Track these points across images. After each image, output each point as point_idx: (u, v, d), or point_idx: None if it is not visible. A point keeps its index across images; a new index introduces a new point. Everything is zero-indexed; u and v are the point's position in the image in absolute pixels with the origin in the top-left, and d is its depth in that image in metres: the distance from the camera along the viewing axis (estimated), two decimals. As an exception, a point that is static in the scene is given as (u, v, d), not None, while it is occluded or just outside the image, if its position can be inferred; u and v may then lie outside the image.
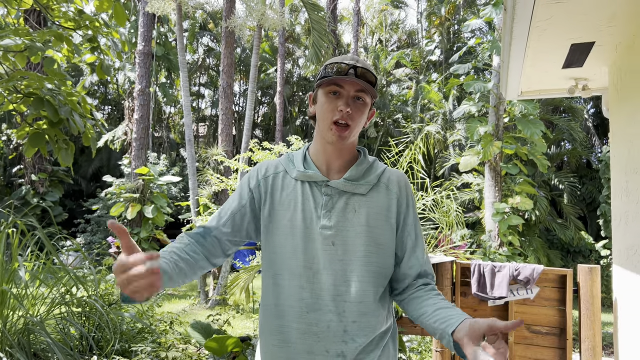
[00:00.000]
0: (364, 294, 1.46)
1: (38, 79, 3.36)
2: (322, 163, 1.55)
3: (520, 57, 3.61)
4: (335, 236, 1.46)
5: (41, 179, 17.09)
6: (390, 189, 1.55)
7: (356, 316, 1.45)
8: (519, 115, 10.28)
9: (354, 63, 1.47)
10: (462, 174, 12.83)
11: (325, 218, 1.47)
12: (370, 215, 1.50)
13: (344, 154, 1.55)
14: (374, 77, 1.50)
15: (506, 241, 10.01)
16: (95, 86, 25.03)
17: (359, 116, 1.48)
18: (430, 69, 22.20)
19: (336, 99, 1.46)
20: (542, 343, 3.81)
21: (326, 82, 1.47)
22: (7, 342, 2.80)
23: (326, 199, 1.50)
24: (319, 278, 1.46)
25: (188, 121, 9.65)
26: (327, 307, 1.44)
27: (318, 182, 1.52)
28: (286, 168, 1.58)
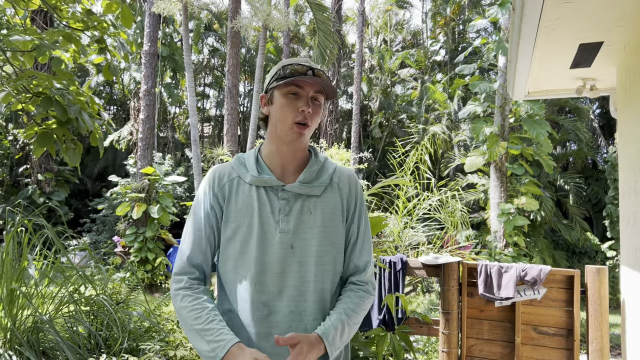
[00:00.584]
0: (322, 292, 1.52)
1: (47, 78, 3.38)
2: (276, 166, 1.58)
3: (528, 57, 3.60)
4: (294, 239, 1.50)
5: (47, 179, 17.16)
6: (341, 188, 1.61)
7: (316, 314, 1.50)
8: (525, 115, 10.25)
9: (311, 65, 1.52)
10: (467, 174, 12.80)
11: (284, 222, 1.51)
12: (324, 216, 1.54)
13: (298, 154, 1.58)
14: (327, 77, 1.54)
15: (512, 242, 9.98)
16: (100, 86, 25.11)
17: (316, 116, 1.53)
18: (435, 69, 22.16)
19: (296, 100, 1.50)
20: (549, 344, 3.79)
21: (285, 82, 1.49)
22: (16, 340, 2.82)
23: (283, 203, 1.53)
24: (277, 281, 1.49)
25: (194, 121, 9.68)
26: (287, 308, 1.48)
27: (274, 186, 1.54)
28: (239, 173, 1.58)
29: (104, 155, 22.03)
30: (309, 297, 1.49)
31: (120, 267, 10.53)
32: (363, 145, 20.65)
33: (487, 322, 3.94)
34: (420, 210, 4.57)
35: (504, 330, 3.91)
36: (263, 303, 1.48)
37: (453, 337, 3.86)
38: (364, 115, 22.44)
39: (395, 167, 5.06)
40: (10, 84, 3.36)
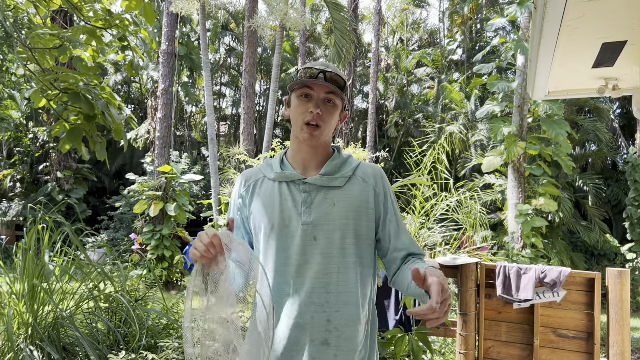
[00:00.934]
0: (345, 284, 1.53)
1: (72, 75, 3.43)
2: (299, 164, 1.64)
3: (550, 56, 3.56)
4: (317, 231, 1.53)
5: (66, 177, 17.43)
6: (367, 181, 1.63)
7: (339, 306, 1.52)
8: (544, 115, 10.11)
9: (324, 68, 1.57)
10: (485, 175, 12.69)
11: (306, 214, 1.54)
12: (348, 208, 1.57)
13: (319, 152, 1.64)
14: (343, 81, 1.59)
15: (529, 243, 9.86)
16: (118, 85, 25.41)
17: (328, 117, 1.58)
18: (452, 69, 22.00)
19: (307, 102, 1.57)
20: (569, 347, 3.74)
21: (298, 85, 1.57)
22: (37, 336, 2.87)
23: (305, 196, 1.57)
24: (301, 273, 1.52)
25: (211, 120, 9.74)
26: (309, 299, 1.51)
27: (295, 180, 1.60)
28: (264, 173, 1.66)
29: (122, 154, 22.31)
30: (331, 289, 1.51)
31: (137, 264, 10.64)
32: (379, 144, 20.59)
33: (506, 324, 3.90)
34: (438, 211, 4.54)
35: (522, 333, 3.86)
36: (287, 295, 1.52)
37: (470, 339, 3.83)
38: (380, 115, 22.36)
39: (412, 166, 5.03)
40: (38, 81, 3.41)
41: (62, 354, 2.85)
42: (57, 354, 2.71)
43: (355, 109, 22.31)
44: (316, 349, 1.49)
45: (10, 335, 2.81)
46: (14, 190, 19.85)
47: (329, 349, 1.49)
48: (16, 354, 2.77)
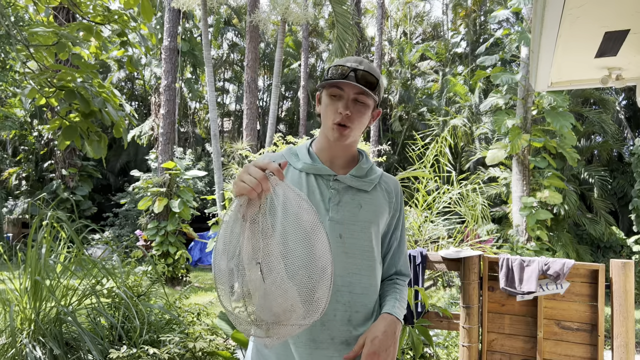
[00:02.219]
0: (367, 286, 1.55)
1: (70, 72, 3.42)
2: (326, 159, 1.61)
3: (551, 46, 3.52)
4: (343, 229, 1.52)
5: (71, 174, 17.50)
6: (389, 192, 1.65)
7: (359, 307, 1.53)
8: (548, 107, 10.04)
9: (356, 66, 1.52)
10: (489, 167, 12.64)
11: (334, 211, 1.53)
12: (372, 212, 1.58)
13: (347, 152, 1.61)
14: (375, 79, 1.54)
15: (534, 236, 9.82)
16: (122, 82, 25.45)
17: (358, 117, 1.53)
18: (455, 62, 21.89)
19: (337, 101, 1.52)
20: (572, 339, 3.72)
21: (328, 84, 1.52)
22: (40, 331, 2.88)
23: (334, 193, 1.55)
24: None
25: (213, 116, 9.74)
26: (333, 297, 1.49)
27: (324, 175, 1.57)
28: (289, 161, 1.62)
29: (126, 151, 22.36)
30: (354, 289, 1.52)
31: (142, 260, 10.68)
32: (383, 139, 20.54)
33: (509, 317, 3.89)
34: (440, 204, 4.52)
35: (525, 325, 3.85)
36: None
37: (474, 332, 3.82)
38: (384, 109, 22.31)
39: (415, 159, 5.01)
40: (35, 79, 3.41)
41: (64, 349, 2.86)
42: (59, 349, 2.72)
43: (359, 103, 22.19)
44: (336, 347, 1.49)
45: (12, 331, 2.82)
46: (20, 188, 19.96)
47: (348, 348, 1.49)
48: (18, 349, 2.78)
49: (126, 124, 13.87)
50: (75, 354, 2.89)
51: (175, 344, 2.68)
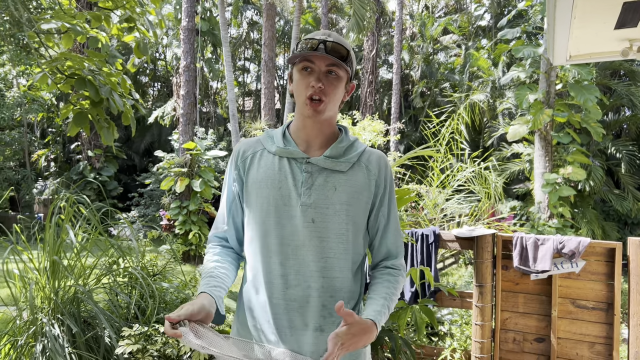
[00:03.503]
0: (340, 270, 1.51)
1: (79, 60, 3.47)
2: (302, 140, 1.57)
3: (567, 18, 3.39)
4: (315, 213, 1.48)
5: (97, 155, 17.86)
6: (370, 169, 1.57)
7: (333, 291, 1.50)
8: (572, 81, 9.73)
9: (325, 38, 1.48)
10: (512, 143, 12.41)
11: (306, 195, 1.49)
12: (349, 194, 1.51)
13: (324, 129, 1.56)
14: (345, 50, 1.49)
15: (556, 213, 9.65)
16: (144, 64, 25.64)
17: (332, 90, 1.49)
18: (479, 35, 21.36)
19: (308, 75, 1.49)
20: (588, 318, 3.69)
21: (298, 59, 1.49)
22: (58, 309, 2.99)
23: (306, 176, 1.51)
24: (298, 254, 1.49)
25: (231, 96, 9.77)
26: (306, 282, 1.48)
27: (298, 158, 1.53)
28: (265, 145, 1.59)
29: (150, 131, 22.65)
30: (327, 274, 1.49)
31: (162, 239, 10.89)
32: (404, 115, 20.31)
33: (523, 295, 3.87)
34: (454, 182, 4.47)
35: (540, 304, 3.83)
36: (281, 276, 1.48)
37: (487, 310, 3.82)
38: (405, 85, 22.00)
39: (430, 137, 4.96)
40: (47, 65, 3.47)
41: (81, 326, 2.97)
42: (76, 326, 2.82)
43: (380, 79, 21.98)
44: (310, 334, 1.47)
45: (32, 309, 2.94)
46: (49, 170, 20.48)
47: (322, 334, 1.47)
48: (39, 327, 2.90)
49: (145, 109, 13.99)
50: (92, 330, 2.99)
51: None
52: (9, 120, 17.77)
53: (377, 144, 5.37)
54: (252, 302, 1.54)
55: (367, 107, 17.34)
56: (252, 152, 1.59)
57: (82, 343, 2.84)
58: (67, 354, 2.75)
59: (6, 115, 16.82)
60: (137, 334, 2.62)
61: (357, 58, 23.61)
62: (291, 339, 1.47)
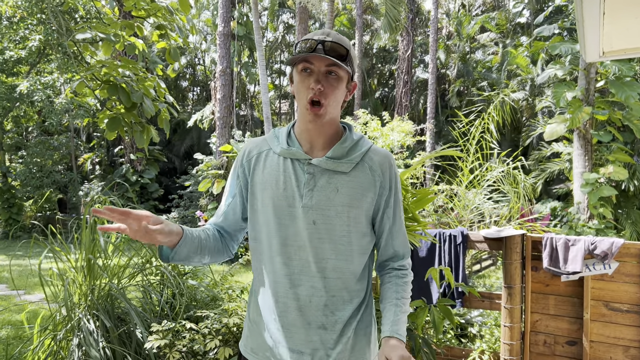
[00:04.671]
0: (342, 270, 1.51)
1: (114, 66, 3.64)
2: (305, 141, 1.56)
3: (595, 14, 3.31)
4: (317, 215, 1.48)
5: (139, 158, 18.45)
6: (373, 169, 1.55)
7: (335, 291, 1.51)
8: (613, 77, 9.39)
9: (323, 38, 1.45)
10: (551, 143, 12.08)
11: (307, 197, 1.49)
12: (351, 195, 1.50)
13: (326, 130, 1.54)
14: (345, 49, 1.47)
15: (597, 214, 9.33)
16: (184, 69, 26.30)
17: (332, 91, 1.47)
18: (517, 33, 20.87)
19: (308, 77, 1.46)
20: (621, 321, 3.59)
21: (297, 60, 1.47)
22: (94, 306, 3.14)
23: (308, 177, 1.50)
24: (300, 255, 1.50)
25: (265, 99, 9.93)
26: (308, 282, 1.50)
27: (301, 159, 1.52)
28: (271, 145, 1.59)
29: (190, 135, 23.23)
30: (329, 274, 1.50)
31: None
32: (441, 115, 20.07)
33: (553, 297, 3.79)
34: (484, 182, 4.43)
35: (571, 306, 3.75)
36: (286, 275, 1.51)
37: (516, 312, 3.76)
38: (442, 85, 21.73)
39: (459, 137, 4.92)
40: (83, 72, 3.65)
41: (115, 322, 3.11)
42: (110, 322, 2.96)
43: (416, 79, 21.79)
44: (314, 331, 1.49)
45: (70, 305, 3.10)
46: (94, 173, 21.29)
47: (325, 332, 1.49)
48: (75, 322, 3.05)
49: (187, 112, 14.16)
50: (125, 326, 3.13)
51: (212, 320, 2.85)
52: (57, 125, 18.58)
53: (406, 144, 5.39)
54: (260, 300, 1.58)
55: (402, 107, 17.23)
56: (258, 152, 1.60)
57: (115, 338, 2.98)
58: (101, 348, 2.89)
59: (55, 121, 17.59)
60: (164, 330, 2.73)
61: (392, 58, 23.48)
62: (296, 336, 1.51)
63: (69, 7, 7.99)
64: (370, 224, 1.59)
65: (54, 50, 16.24)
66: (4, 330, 5.03)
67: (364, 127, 6.06)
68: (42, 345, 3.11)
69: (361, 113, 5.83)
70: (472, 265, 7.36)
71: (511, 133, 18.22)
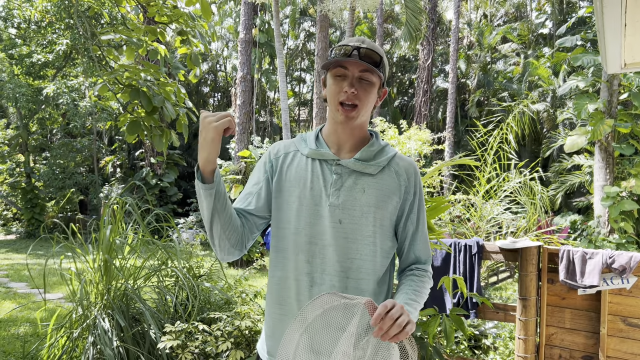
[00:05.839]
0: (365, 272, 1.52)
1: (136, 71, 3.72)
2: (333, 143, 1.60)
3: (617, 25, 3.28)
4: (343, 214, 1.51)
5: (159, 162, 18.69)
6: (399, 174, 1.58)
7: (357, 292, 1.51)
8: (636, 90, 9.23)
9: (359, 44, 1.50)
10: (573, 155, 11.91)
11: (334, 196, 1.51)
12: (378, 197, 1.53)
13: (355, 134, 1.59)
14: (378, 56, 1.51)
15: (617, 228, 9.14)
16: (205, 74, 26.62)
17: (365, 96, 1.51)
18: (540, 43, 20.68)
19: (342, 81, 1.51)
20: (639, 337, 3.52)
21: (332, 64, 1.52)
22: (110, 306, 3.19)
23: (336, 178, 1.53)
24: (324, 254, 1.51)
25: (284, 106, 10.00)
26: (330, 282, 1.51)
27: (329, 160, 1.56)
28: (298, 147, 1.63)
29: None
30: (352, 275, 1.51)
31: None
32: (460, 125, 19.95)
33: (569, 311, 3.74)
34: (500, 193, 4.39)
35: (588, 320, 3.69)
36: (307, 274, 1.52)
37: (530, 325, 3.72)
38: (462, 94, 21.61)
39: (477, 147, 4.89)
40: (106, 76, 3.74)
41: (130, 322, 3.16)
42: (124, 321, 3.01)
43: (436, 88, 21.72)
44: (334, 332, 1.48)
45: (87, 304, 3.16)
46: (115, 175, 21.62)
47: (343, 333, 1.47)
48: (91, 321, 3.11)
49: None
50: (140, 325, 3.18)
51: (224, 322, 2.88)
52: (81, 128, 18.94)
53: (423, 152, 5.37)
54: (281, 296, 1.58)
55: (421, 116, 17.17)
56: (285, 152, 1.64)
57: (129, 337, 3.02)
58: (115, 347, 2.93)
59: (78, 124, 17.94)
60: (178, 331, 2.76)
61: (412, 67, 23.44)
62: None
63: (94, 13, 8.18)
64: (394, 229, 1.61)
65: (80, 54, 16.61)
66: (22, 328, 5.13)
67: (382, 135, 6.07)
68: (57, 343, 3.17)
69: (378, 121, 5.84)
70: (488, 277, 7.29)
71: (531, 144, 18.02)
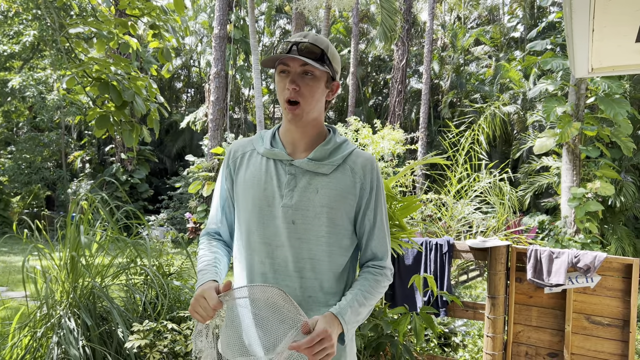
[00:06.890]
0: (320, 271, 1.53)
1: (106, 64, 3.63)
2: (288, 143, 1.59)
3: (585, 31, 3.36)
4: (296, 215, 1.50)
5: (130, 158, 18.34)
6: (355, 171, 1.57)
7: (311, 291, 1.52)
8: (602, 94, 9.52)
9: (299, 39, 1.49)
10: (541, 156, 12.19)
11: (288, 197, 1.51)
12: (331, 197, 1.52)
13: (308, 132, 1.58)
14: (319, 49, 1.49)
15: (583, 228, 9.42)
16: (179, 70, 26.25)
17: (308, 91, 1.49)
18: (511, 47, 21.09)
19: (285, 78, 1.49)
20: (602, 335, 3.62)
21: (272, 62, 1.51)
22: (75, 304, 3.11)
23: (289, 178, 1.53)
24: (278, 254, 1.52)
25: (259, 103, 9.94)
26: (284, 281, 1.51)
27: (283, 160, 1.55)
28: (255, 146, 1.62)
29: (182, 136, 23.14)
30: (306, 275, 1.51)
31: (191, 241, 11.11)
32: (433, 125, 20.18)
33: (536, 309, 3.82)
34: (471, 193, 4.46)
35: (553, 318, 3.78)
36: (261, 274, 1.53)
37: (499, 322, 3.79)
38: (435, 95, 21.87)
39: (449, 147, 4.95)
40: (75, 69, 3.64)
41: (97, 321, 3.09)
42: (90, 320, 2.94)
43: (410, 89, 21.92)
44: None
45: (48, 303, 3.07)
46: (84, 171, 21.13)
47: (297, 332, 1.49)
48: (56, 320, 3.03)
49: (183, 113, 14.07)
50: (106, 324, 3.11)
51: (194, 321, 2.84)
52: (48, 122, 18.44)
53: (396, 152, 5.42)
54: None
55: (395, 116, 17.31)
56: (242, 152, 1.63)
57: (95, 337, 2.96)
58: (81, 347, 2.86)
59: (46, 118, 17.46)
60: (146, 330, 2.71)
61: (387, 67, 23.60)
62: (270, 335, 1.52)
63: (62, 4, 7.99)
64: (353, 226, 1.60)
65: (48, 46, 16.17)
66: (-16, 327, 4.97)
67: (355, 134, 6.09)
68: (21, 343, 3.08)
69: (353, 120, 5.87)
70: (459, 276, 7.39)
71: (502, 145, 18.36)
